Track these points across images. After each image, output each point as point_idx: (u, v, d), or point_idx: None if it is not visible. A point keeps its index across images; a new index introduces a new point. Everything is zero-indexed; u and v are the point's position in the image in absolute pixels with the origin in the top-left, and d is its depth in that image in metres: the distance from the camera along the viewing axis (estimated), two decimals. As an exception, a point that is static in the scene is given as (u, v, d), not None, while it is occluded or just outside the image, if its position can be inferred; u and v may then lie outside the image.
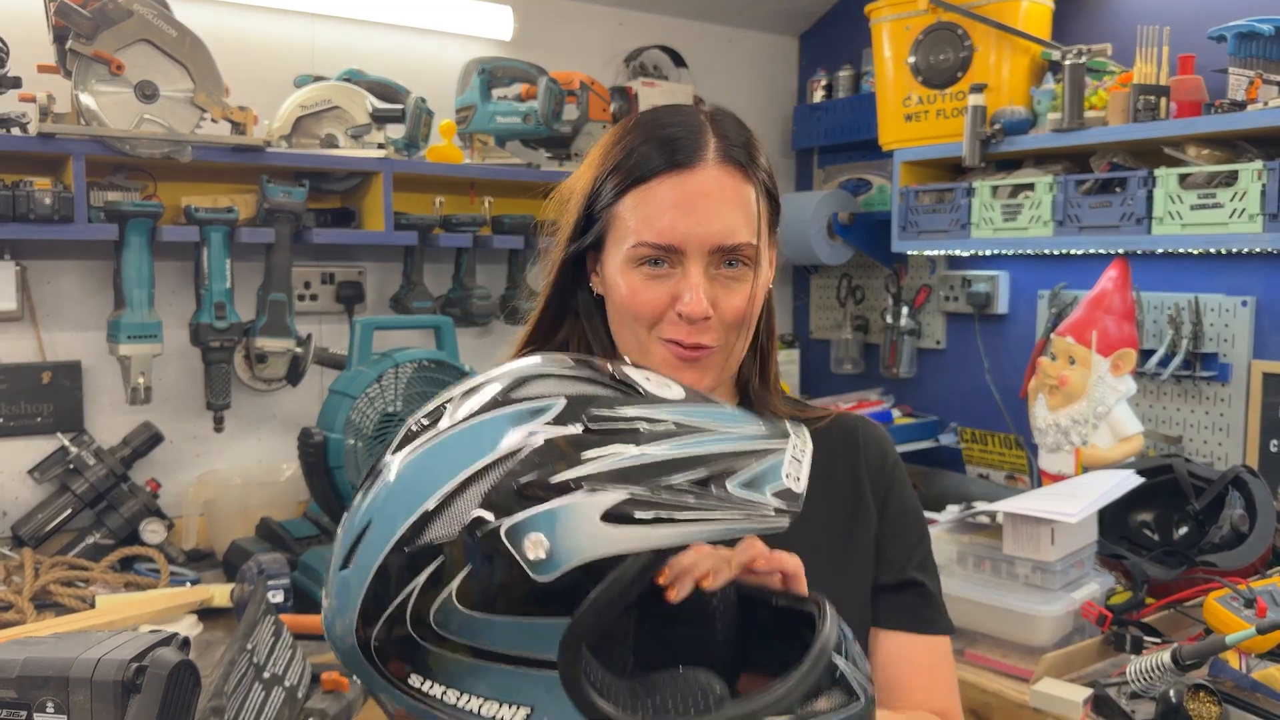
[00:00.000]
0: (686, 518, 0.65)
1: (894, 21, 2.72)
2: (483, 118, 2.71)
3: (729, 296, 1.02)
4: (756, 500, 0.67)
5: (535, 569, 0.65)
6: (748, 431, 0.72)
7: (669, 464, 0.67)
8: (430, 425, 0.73)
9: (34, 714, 1.14)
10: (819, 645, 0.74)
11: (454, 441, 0.70)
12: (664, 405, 0.72)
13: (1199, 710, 1.46)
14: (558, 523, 0.65)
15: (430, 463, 0.70)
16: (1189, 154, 2.24)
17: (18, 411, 2.32)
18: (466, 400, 0.73)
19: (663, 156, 1.01)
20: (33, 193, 2.07)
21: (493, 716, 0.69)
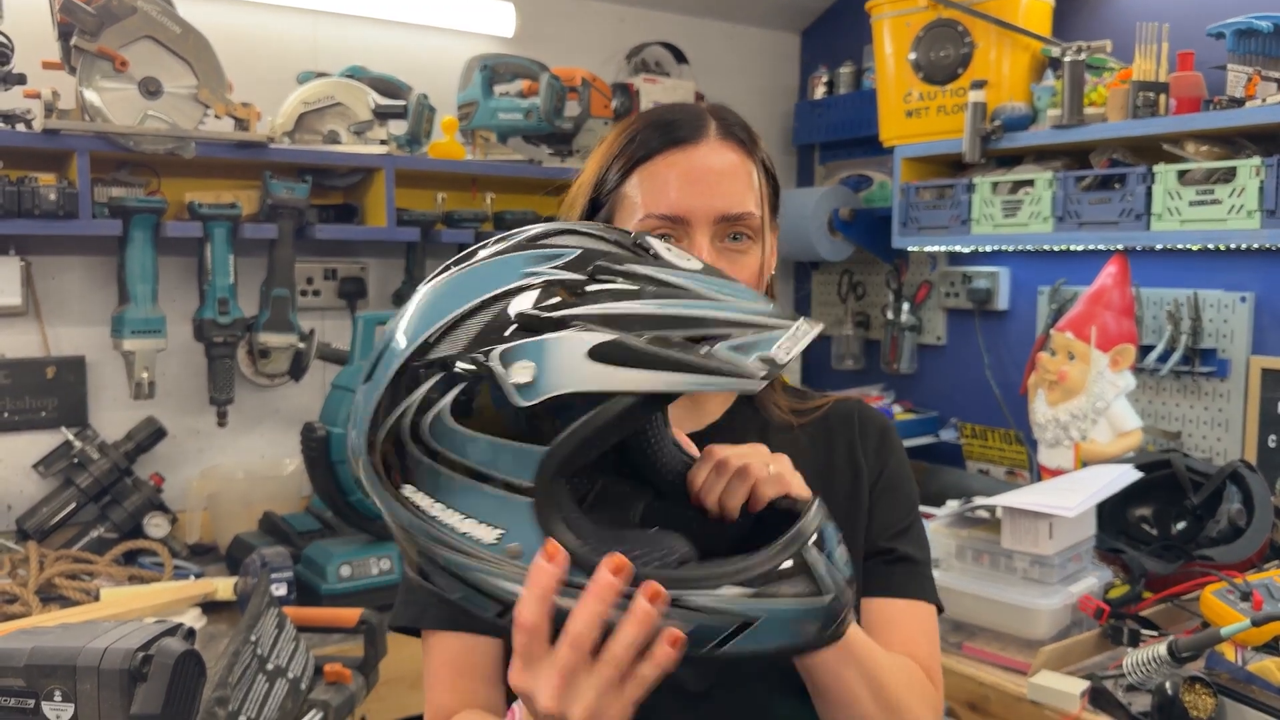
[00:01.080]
0: (668, 365, 0.68)
1: (895, 18, 2.73)
2: (485, 114, 2.72)
3: (735, 269, 1.03)
4: (739, 360, 0.69)
5: (520, 393, 0.69)
6: (753, 307, 0.73)
7: (663, 318, 0.70)
8: (462, 261, 0.79)
9: (42, 702, 1.15)
10: (793, 531, 0.75)
11: (473, 273, 0.76)
12: (676, 270, 0.75)
13: (1195, 702, 1.47)
14: (546, 353, 0.69)
15: (450, 289, 0.75)
16: (1188, 150, 2.24)
17: (22, 406, 2.33)
18: (498, 243, 0.78)
19: (665, 135, 1.04)
20: (37, 188, 2.09)
21: (469, 533, 0.73)
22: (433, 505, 0.74)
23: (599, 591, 0.69)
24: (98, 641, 1.17)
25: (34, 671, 1.15)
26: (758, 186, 1.06)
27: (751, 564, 0.72)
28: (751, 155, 1.07)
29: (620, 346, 0.68)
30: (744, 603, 0.71)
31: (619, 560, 0.69)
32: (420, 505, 0.74)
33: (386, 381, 0.75)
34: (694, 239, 1.02)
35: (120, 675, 1.14)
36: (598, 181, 1.08)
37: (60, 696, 1.15)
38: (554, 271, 0.73)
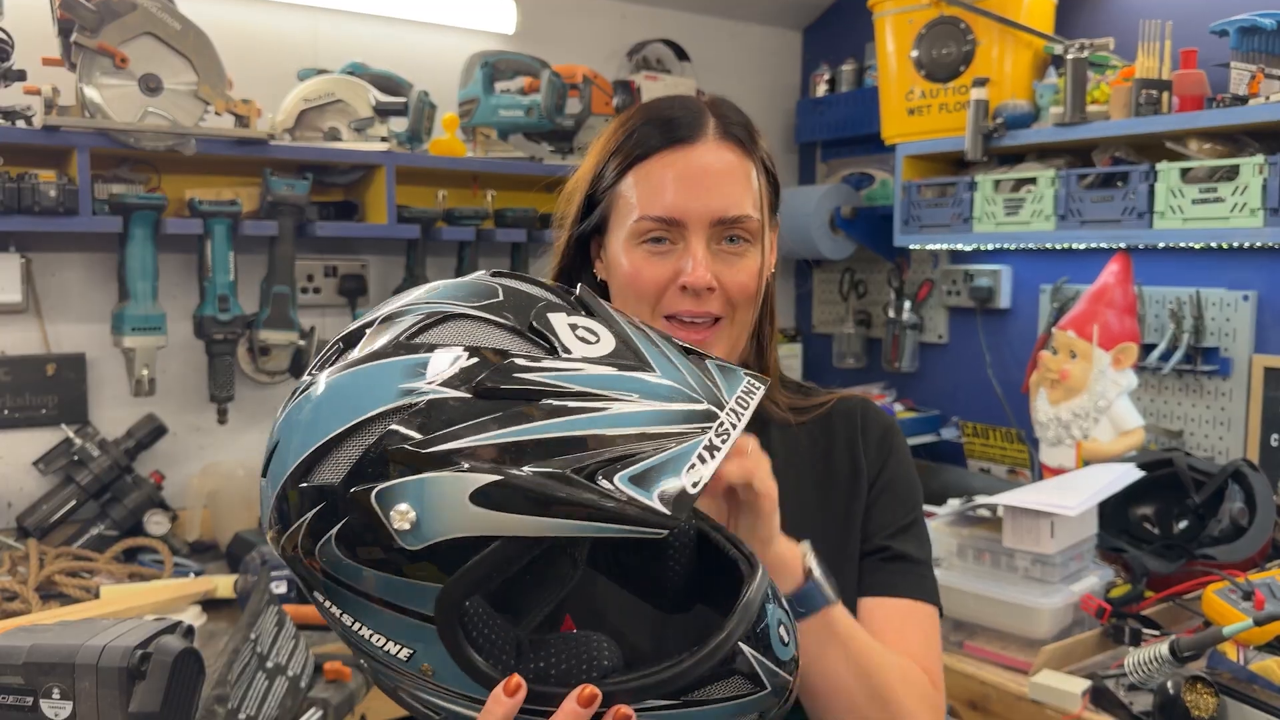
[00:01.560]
0: (558, 510, 0.62)
1: (897, 15, 2.72)
2: (485, 111, 2.71)
3: (732, 271, 1.02)
4: (640, 501, 0.62)
5: (402, 538, 0.64)
6: (666, 408, 0.66)
7: (555, 444, 0.63)
8: (344, 350, 0.72)
9: (40, 700, 1.15)
10: (723, 634, 0.70)
11: (350, 382, 0.69)
12: (578, 367, 0.67)
13: (1196, 702, 1.46)
14: (425, 495, 0.64)
15: (326, 401, 0.69)
16: (1191, 148, 2.24)
17: (22, 403, 2.33)
18: (381, 332, 0.71)
19: (663, 134, 1.03)
20: (37, 185, 2.08)
21: (382, 647, 0.70)
22: (343, 616, 0.71)
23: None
24: (96, 639, 1.17)
25: (32, 669, 1.15)
26: (756, 187, 1.05)
27: (678, 673, 0.69)
28: (751, 154, 1.06)
29: (505, 489, 0.62)
30: (672, 713, 0.69)
31: (590, 692, 0.67)
32: (334, 614, 0.72)
33: (275, 493, 0.71)
34: (689, 241, 1.01)
35: (119, 673, 1.14)
36: (594, 178, 1.07)
37: (59, 694, 1.15)
38: (434, 389, 0.65)
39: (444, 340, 0.68)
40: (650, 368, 0.69)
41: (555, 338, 0.69)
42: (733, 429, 0.67)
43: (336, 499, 0.66)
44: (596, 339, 0.70)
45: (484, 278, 0.75)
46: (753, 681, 0.71)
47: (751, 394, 0.72)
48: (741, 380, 0.73)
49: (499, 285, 0.74)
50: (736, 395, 0.71)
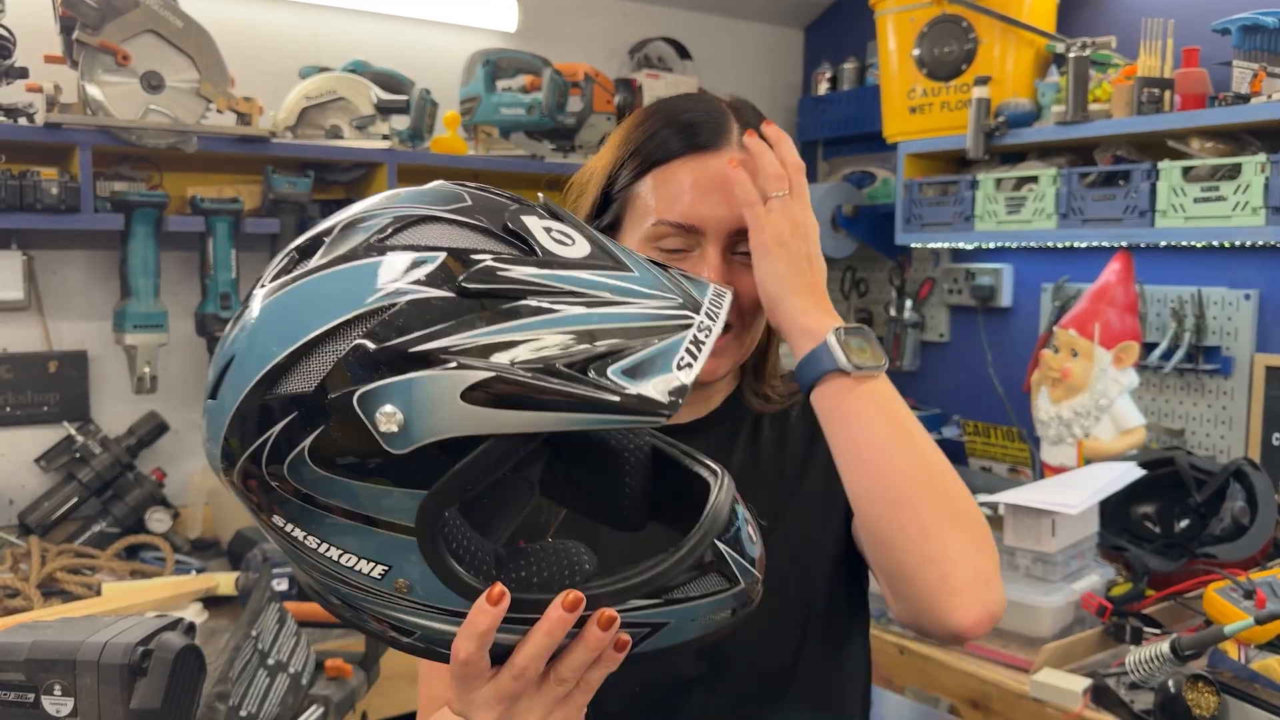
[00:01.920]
0: (554, 404, 0.60)
1: (899, 14, 2.72)
2: (487, 109, 2.71)
3: (748, 280, 1.01)
4: (634, 392, 0.61)
5: (388, 441, 0.61)
6: (647, 306, 0.66)
7: (546, 341, 0.62)
8: (301, 258, 0.68)
9: (42, 697, 1.15)
10: (700, 530, 0.71)
11: (318, 286, 0.65)
12: (558, 266, 0.65)
13: (1198, 700, 1.46)
14: (414, 396, 0.61)
15: (296, 304, 0.65)
16: (1193, 147, 2.23)
17: (24, 400, 2.33)
18: (345, 237, 0.67)
19: (685, 139, 1.02)
20: (39, 182, 2.08)
21: (354, 567, 0.67)
22: (307, 538, 0.67)
23: (550, 628, 0.66)
24: (98, 636, 1.17)
25: (34, 666, 1.15)
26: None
27: (659, 572, 0.69)
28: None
29: (498, 384, 0.60)
30: (654, 612, 0.69)
31: (575, 596, 0.66)
32: (295, 537, 0.68)
33: (232, 410, 0.66)
34: (706, 249, 1.00)
35: (120, 670, 1.14)
36: (611, 174, 1.06)
37: (60, 691, 1.15)
38: (415, 288, 0.62)
39: (420, 241, 0.65)
40: (628, 269, 0.68)
41: (533, 239, 0.67)
42: (711, 327, 0.67)
43: (312, 407, 0.62)
44: (572, 242, 0.69)
45: (446, 184, 0.72)
46: (728, 578, 0.72)
47: (721, 297, 0.71)
48: (709, 287, 0.72)
49: (464, 190, 0.71)
50: (709, 298, 0.70)
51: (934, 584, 0.89)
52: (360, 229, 0.67)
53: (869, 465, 0.93)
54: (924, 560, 0.90)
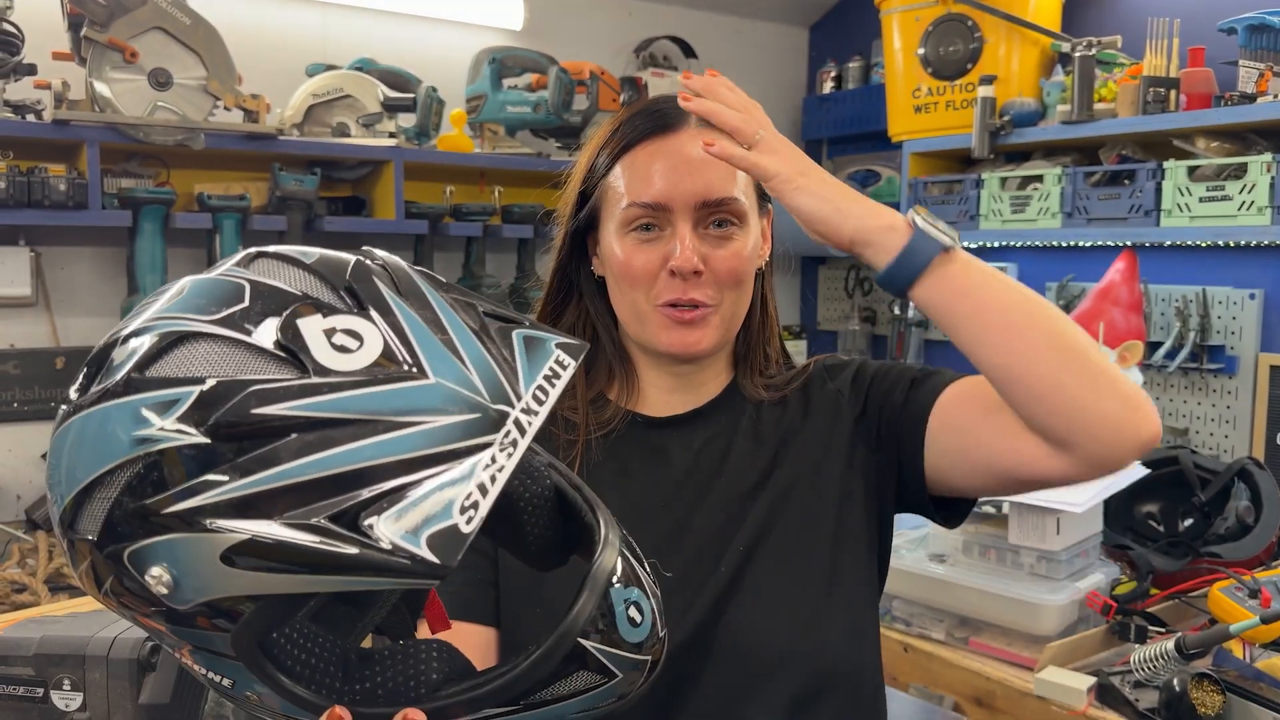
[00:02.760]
0: (318, 566, 0.55)
1: (904, 13, 2.72)
2: (493, 107, 2.72)
3: (720, 254, 1.03)
4: (405, 549, 0.54)
5: (167, 600, 0.58)
6: (437, 425, 0.57)
7: (308, 487, 0.55)
8: (93, 375, 0.63)
9: (51, 691, 1.16)
10: (555, 636, 0.64)
11: (86, 427, 0.60)
12: (327, 390, 0.57)
13: (1202, 699, 1.47)
14: (177, 558, 0.56)
15: (73, 448, 0.61)
16: (1198, 146, 2.24)
17: (32, 396, 2.34)
18: (120, 359, 0.61)
19: (648, 123, 1.05)
20: (47, 179, 2.09)
21: (206, 675, 0.65)
22: (163, 641, 0.65)
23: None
24: (106, 631, 1.17)
25: (43, 660, 1.15)
26: (743, 173, 1.05)
27: (515, 679, 0.63)
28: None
29: (255, 548, 0.55)
30: (516, 718, 0.64)
31: (414, 716, 0.62)
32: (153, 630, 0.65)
33: (55, 522, 0.63)
34: (676, 226, 1.02)
35: (129, 665, 1.15)
36: (587, 173, 1.09)
37: (69, 685, 1.15)
38: (167, 435, 0.56)
39: (176, 372, 0.59)
40: (422, 372, 0.59)
41: (305, 353, 0.58)
42: (527, 428, 0.59)
43: (96, 557, 0.59)
44: (359, 344, 0.60)
45: (232, 273, 0.64)
46: (601, 672, 0.66)
47: (562, 368, 0.64)
48: (550, 355, 0.64)
49: (247, 283, 0.63)
50: (539, 378, 0.62)
51: (1117, 407, 0.90)
52: (131, 348, 0.61)
53: (1014, 323, 0.92)
54: (1101, 390, 0.90)
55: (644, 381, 1.13)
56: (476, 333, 0.63)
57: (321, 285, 0.64)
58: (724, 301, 1.05)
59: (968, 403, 1.00)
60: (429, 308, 0.63)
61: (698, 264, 1.01)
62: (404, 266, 0.67)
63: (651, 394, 1.13)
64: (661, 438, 1.10)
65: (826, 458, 1.08)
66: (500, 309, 0.68)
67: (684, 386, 1.12)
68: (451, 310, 0.64)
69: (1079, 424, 0.90)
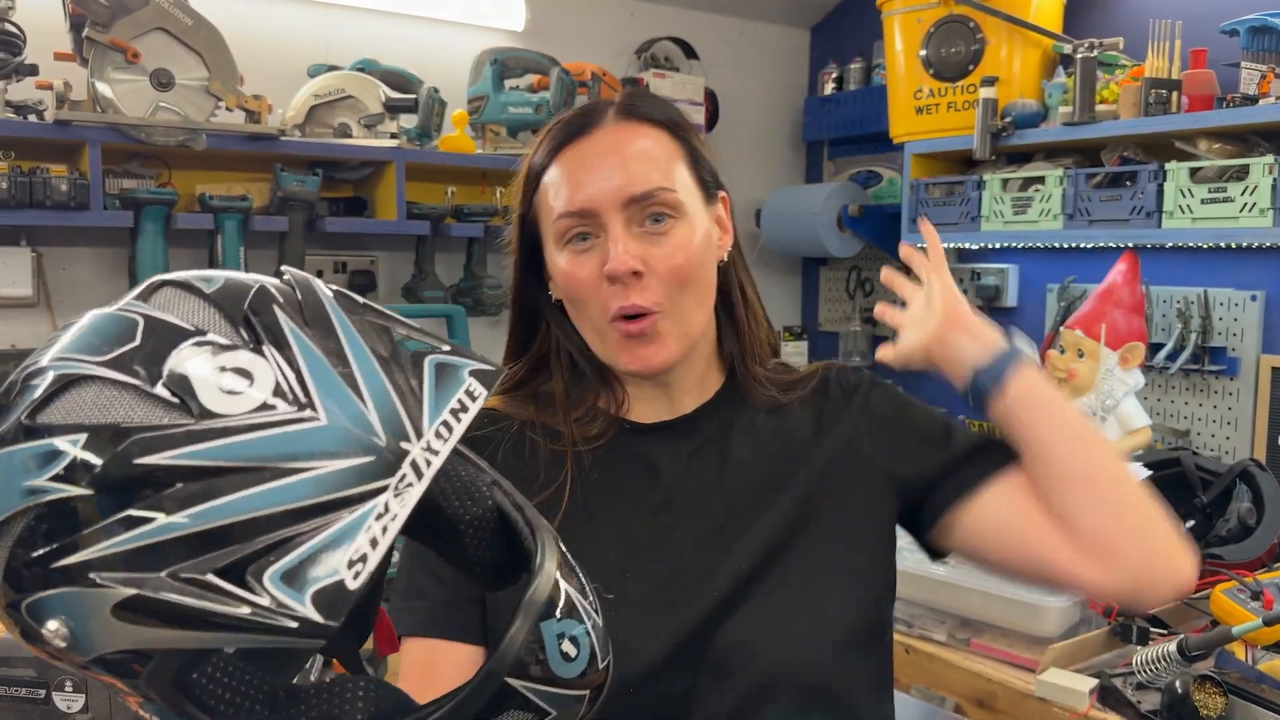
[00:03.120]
0: (205, 622, 0.53)
1: (905, 14, 2.72)
2: (495, 108, 2.72)
3: (659, 250, 0.98)
4: (289, 607, 0.52)
5: (65, 652, 0.56)
6: (328, 471, 0.54)
7: (194, 540, 0.53)
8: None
9: (53, 693, 1.16)
10: (484, 670, 0.60)
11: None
12: (214, 436, 0.54)
13: (1205, 701, 1.47)
14: (70, 612, 0.55)
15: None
16: (1200, 148, 2.24)
17: (33, 397, 2.34)
18: (11, 405, 0.58)
19: (564, 131, 1.02)
20: (49, 179, 2.09)
21: (141, 709, 0.62)
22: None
23: None
24: (110, 631, 1.17)
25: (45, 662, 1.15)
26: (673, 161, 1.01)
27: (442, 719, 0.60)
28: (662, 128, 1.02)
29: (143, 603, 0.53)
30: None
31: None
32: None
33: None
34: (609, 230, 0.97)
35: (132, 665, 1.15)
36: (522, 195, 1.06)
37: (71, 687, 1.16)
38: (55, 486, 0.55)
39: (65, 418, 0.56)
40: (315, 412, 0.56)
41: (192, 395, 0.55)
42: (425, 468, 0.56)
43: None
44: (249, 383, 0.56)
45: (130, 308, 0.61)
46: (533, 710, 0.64)
47: (471, 399, 0.60)
48: (463, 382, 0.61)
49: (141, 318, 0.60)
50: (445, 412, 0.59)
51: (1160, 544, 0.96)
52: (26, 393, 0.58)
53: (1080, 445, 0.99)
54: (1145, 524, 0.97)
55: (630, 394, 1.09)
56: (385, 360, 0.60)
57: (219, 317, 0.60)
58: (674, 304, 1.00)
59: (1014, 508, 1.03)
60: (333, 336, 0.60)
61: (634, 264, 0.96)
62: (315, 289, 0.63)
63: (637, 402, 1.09)
64: (648, 445, 1.07)
65: (837, 481, 1.06)
66: (422, 332, 0.64)
67: (666, 395, 1.08)
68: (359, 338, 0.60)
69: (1138, 558, 0.97)
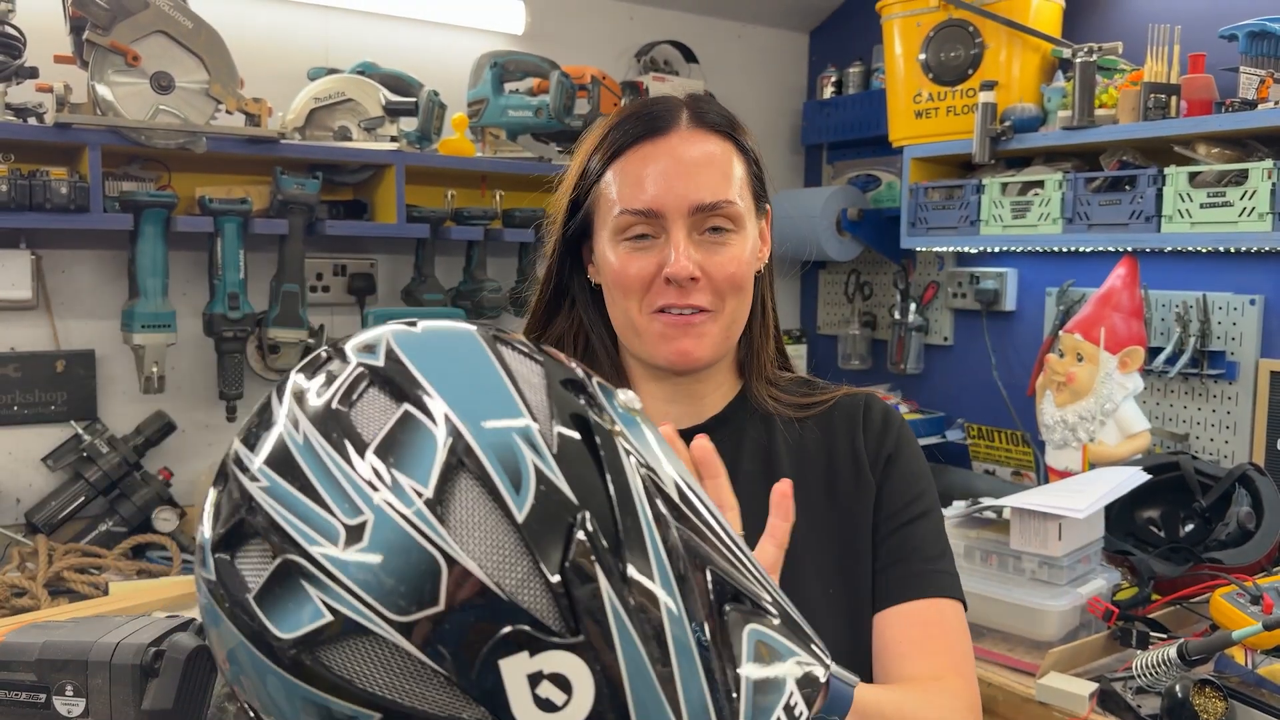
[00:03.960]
0: None
1: (905, 18, 2.73)
2: (495, 111, 2.72)
3: (717, 260, 1.01)
4: None
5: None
6: None
7: None
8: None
9: (54, 698, 1.16)
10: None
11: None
12: None
13: (1205, 705, 1.47)
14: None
15: None
16: (1199, 153, 2.24)
17: (32, 399, 2.33)
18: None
19: (638, 127, 1.03)
20: (49, 182, 2.09)
21: None
22: None
23: None
24: (110, 636, 1.17)
25: (45, 666, 1.15)
26: (738, 174, 1.04)
27: None
28: (728, 139, 1.05)
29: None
30: None
31: None
32: None
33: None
34: (670, 232, 1.00)
35: (132, 670, 1.14)
36: (579, 178, 1.07)
37: (72, 691, 1.15)
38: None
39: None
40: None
41: (505, 709, 0.47)
42: None
43: None
44: (567, 695, 0.47)
45: (429, 535, 0.48)
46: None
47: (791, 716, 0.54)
48: (782, 695, 0.54)
49: (444, 560, 0.48)
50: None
51: None
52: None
53: None
54: None
55: (641, 393, 1.10)
56: (705, 646, 0.50)
57: (531, 570, 0.47)
58: (723, 309, 1.03)
59: (889, 646, 1.02)
60: (654, 603, 0.49)
61: (694, 270, 1.00)
62: (634, 500, 0.51)
63: (649, 405, 1.09)
64: None
65: (841, 499, 1.07)
66: (739, 554, 0.55)
67: (683, 398, 1.09)
68: (682, 602, 0.50)
69: None
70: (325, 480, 0.48)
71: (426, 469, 0.48)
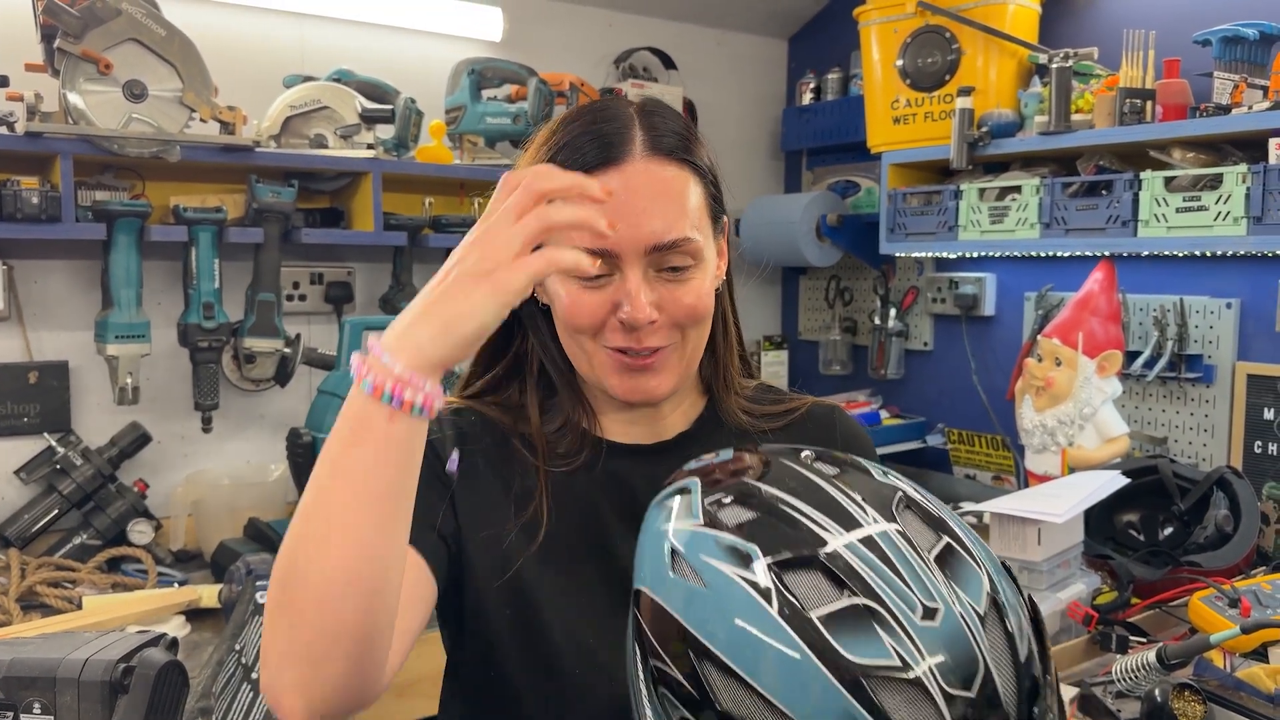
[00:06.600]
0: None
1: (882, 25, 2.73)
2: (472, 118, 2.71)
3: (675, 296, 0.97)
4: None
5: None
6: None
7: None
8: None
9: (21, 715, 1.14)
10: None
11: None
12: None
13: (1184, 709, 1.47)
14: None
15: None
16: (1174, 157, 2.25)
17: (4, 412, 2.31)
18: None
19: (592, 152, 0.96)
20: (20, 192, 2.07)
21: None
22: None
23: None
24: (78, 652, 1.16)
25: (13, 683, 1.13)
26: (695, 202, 0.99)
27: None
28: (684, 165, 0.99)
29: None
30: None
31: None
32: None
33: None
34: (625, 272, 0.95)
35: (101, 687, 1.13)
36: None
37: (40, 708, 1.13)
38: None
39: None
40: None
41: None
42: None
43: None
44: None
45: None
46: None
47: None
48: None
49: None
50: None
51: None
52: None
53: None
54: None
55: (601, 415, 1.08)
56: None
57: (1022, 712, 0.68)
58: (684, 340, 1.00)
59: None
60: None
61: (652, 315, 0.95)
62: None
63: (614, 422, 1.08)
64: (629, 470, 1.06)
65: None
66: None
67: (644, 420, 1.08)
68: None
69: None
70: (907, 569, 0.67)
71: (976, 594, 0.69)
